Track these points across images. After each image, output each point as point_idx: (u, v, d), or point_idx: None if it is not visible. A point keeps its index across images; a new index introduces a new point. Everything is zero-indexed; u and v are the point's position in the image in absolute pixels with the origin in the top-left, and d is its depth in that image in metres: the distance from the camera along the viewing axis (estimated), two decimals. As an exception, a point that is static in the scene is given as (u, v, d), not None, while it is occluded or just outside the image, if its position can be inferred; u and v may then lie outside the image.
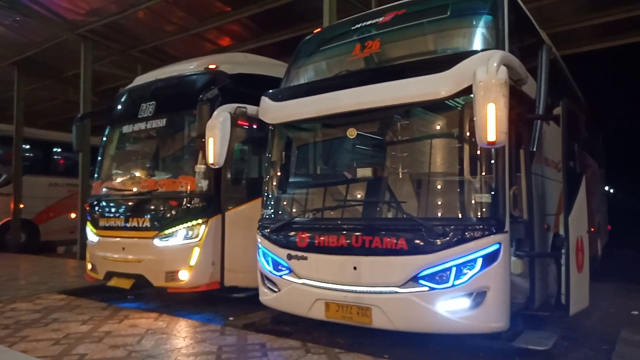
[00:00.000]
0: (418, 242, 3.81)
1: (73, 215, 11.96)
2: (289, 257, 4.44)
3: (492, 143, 3.33)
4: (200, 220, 5.49)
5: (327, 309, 4.21)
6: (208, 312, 5.74)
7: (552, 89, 4.14)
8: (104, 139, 6.83)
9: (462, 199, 4.02)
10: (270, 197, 5.00)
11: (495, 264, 3.58)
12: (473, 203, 3.84)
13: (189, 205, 5.59)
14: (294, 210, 5.06)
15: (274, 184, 5.02)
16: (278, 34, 10.18)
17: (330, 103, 4.37)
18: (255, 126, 5.73)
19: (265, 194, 5.00)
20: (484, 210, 3.73)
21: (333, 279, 4.17)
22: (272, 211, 4.96)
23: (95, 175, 6.80)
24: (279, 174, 5.04)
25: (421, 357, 4.16)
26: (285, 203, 5.11)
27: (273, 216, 4.91)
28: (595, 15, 8.88)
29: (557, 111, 4.18)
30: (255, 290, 4.97)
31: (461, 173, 4.04)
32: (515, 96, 3.73)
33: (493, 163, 3.71)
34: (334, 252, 4.18)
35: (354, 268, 4.03)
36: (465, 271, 3.64)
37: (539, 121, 4.01)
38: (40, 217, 12.78)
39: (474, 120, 3.39)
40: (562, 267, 3.91)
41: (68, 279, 7.81)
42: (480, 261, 3.60)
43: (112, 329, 4.64)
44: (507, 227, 3.65)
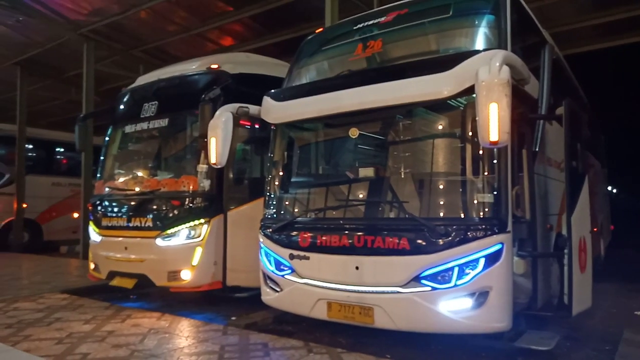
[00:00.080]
0: (420, 242, 3.81)
1: (76, 215, 11.97)
2: (291, 256, 4.44)
3: (495, 143, 3.32)
4: (202, 220, 5.49)
5: (329, 309, 4.21)
6: (210, 311, 5.75)
7: (554, 88, 4.14)
8: (107, 138, 6.84)
9: (464, 199, 4.01)
10: (272, 196, 4.99)
11: (497, 264, 3.58)
12: (475, 203, 3.83)
13: (191, 205, 5.59)
14: (296, 210, 5.06)
15: (276, 184, 5.02)
16: (280, 33, 10.18)
17: (332, 103, 4.37)
18: (257, 126, 5.73)
19: (268, 194, 5.00)
20: (486, 210, 3.72)
21: (335, 279, 4.16)
22: (275, 211, 4.96)
23: (98, 175, 6.80)
24: (281, 174, 5.04)
25: (423, 357, 4.16)
26: (287, 203, 5.10)
27: (275, 216, 4.91)
28: (595, 15, 8.87)
29: (560, 111, 4.16)
30: (257, 290, 4.97)
31: (463, 173, 4.02)
32: (518, 96, 3.72)
33: (495, 163, 3.70)
34: (336, 252, 4.18)
35: (356, 268, 4.03)
36: (467, 271, 3.63)
37: (542, 121, 4.00)
38: (43, 217, 12.81)
39: (477, 120, 3.39)
40: (565, 267, 3.89)
41: (71, 279, 7.82)
42: (482, 261, 3.60)
43: (115, 329, 4.66)
44: (509, 227, 3.64)
